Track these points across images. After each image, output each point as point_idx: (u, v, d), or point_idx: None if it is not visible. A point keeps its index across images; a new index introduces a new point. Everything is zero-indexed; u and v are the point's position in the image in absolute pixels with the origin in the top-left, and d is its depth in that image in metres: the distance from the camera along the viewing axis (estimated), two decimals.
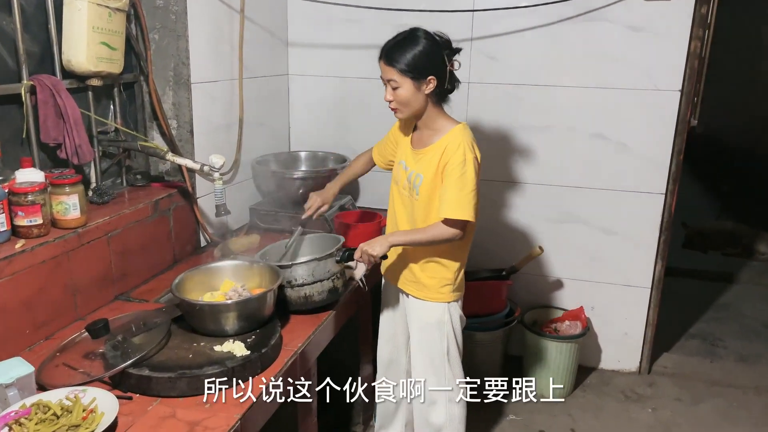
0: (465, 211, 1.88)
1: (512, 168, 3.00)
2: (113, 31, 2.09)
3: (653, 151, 2.80)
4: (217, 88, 2.55)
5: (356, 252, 1.94)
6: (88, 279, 1.94)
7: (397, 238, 1.96)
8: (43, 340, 1.78)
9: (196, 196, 2.47)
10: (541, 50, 2.83)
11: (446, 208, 1.89)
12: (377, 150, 2.28)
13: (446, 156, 1.91)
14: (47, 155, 2.02)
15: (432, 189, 1.96)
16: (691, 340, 3.49)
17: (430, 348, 2.08)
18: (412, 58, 1.85)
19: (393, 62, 1.86)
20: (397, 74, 1.87)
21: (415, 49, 1.86)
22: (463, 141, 1.91)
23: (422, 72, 1.87)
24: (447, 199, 1.89)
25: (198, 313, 1.72)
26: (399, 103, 1.92)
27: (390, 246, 1.92)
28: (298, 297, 1.94)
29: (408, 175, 2.03)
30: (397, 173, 2.10)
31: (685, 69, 2.67)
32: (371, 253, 1.90)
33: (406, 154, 2.06)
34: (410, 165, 2.03)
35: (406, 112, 1.94)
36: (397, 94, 1.90)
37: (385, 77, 1.91)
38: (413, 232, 1.99)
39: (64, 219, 1.86)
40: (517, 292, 3.07)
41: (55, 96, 1.91)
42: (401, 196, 2.07)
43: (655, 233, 2.89)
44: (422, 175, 1.97)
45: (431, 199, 1.97)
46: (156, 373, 1.54)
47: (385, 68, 1.89)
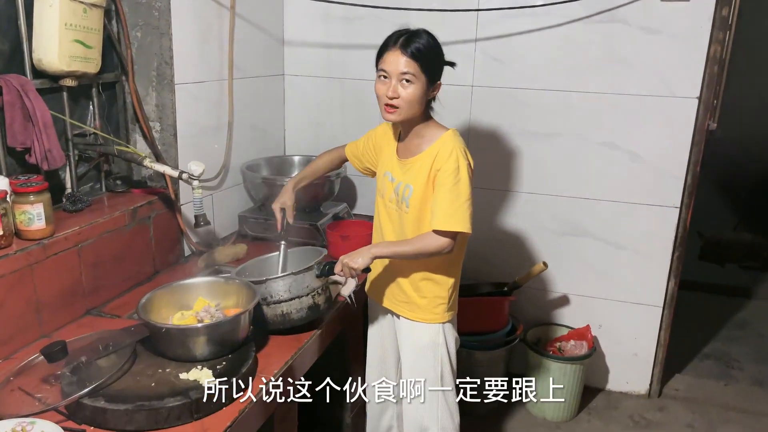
0: (459, 222, 1.73)
1: (517, 176, 2.84)
2: (89, 29, 1.96)
3: (668, 161, 2.63)
4: (203, 89, 2.42)
5: (336, 265, 1.79)
6: (55, 293, 1.81)
7: (381, 249, 1.80)
8: (1, 361, 1.65)
9: (180, 203, 2.34)
10: (550, 53, 2.66)
11: (439, 219, 1.74)
12: (353, 153, 2.11)
13: (438, 163, 1.76)
14: (15, 160, 1.90)
15: (423, 200, 1.81)
16: (705, 360, 3.31)
17: (423, 373, 1.92)
18: (436, 58, 1.74)
19: (418, 56, 1.69)
20: (417, 67, 1.69)
21: (437, 51, 1.74)
22: (456, 147, 1.76)
23: (436, 75, 1.75)
24: (440, 209, 1.74)
25: (164, 337, 1.59)
26: (405, 101, 1.73)
27: (373, 258, 1.76)
28: (275, 315, 1.80)
29: (395, 188, 1.87)
30: (382, 186, 1.94)
31: (703, 75, 2.49)
32: (352, 265, 1.74)
33: (392, 164, 1.90)
34: (397, 176, 1.87)
35: (404, 114, 1.76)
36: (408, 92, 1.72)
37: (398, 69, 1.70)
38: (399, 244, 1.84)
39: (28, 230, 1.73)
40: (519, 308, 2.92)
41: (23, 97, 1.78)
42: (387, 209, 1.92)
43: (669, 249, 2.72)
44: (412, 186, 1.82)
45: (423, 212, 1.82)
46: (112, 404, 1.40)
47: (404, 60, 1.69)
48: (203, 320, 1.68)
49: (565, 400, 2.73)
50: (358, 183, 3.05)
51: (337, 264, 1.79)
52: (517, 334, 2.74)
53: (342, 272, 1.78)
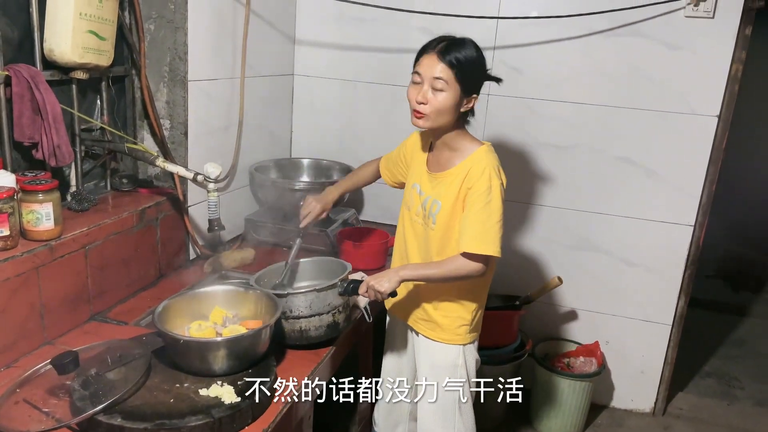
0: (489, 245, 1.66)
1: (529, 188, 2.79)
2: (103, 19, 1.86)
3: (684, 179, 2.60)
4: (216, 86, 2.33)
5: (361, 286, 1.70)
6: (60, 298, 1.71)
7: (409, 272, 1.71)
8: (3, 369, 1.55)
9: (187, 204, 2.25)
10: (569, 64, 2.62)
11: (468, 241, 1.67)
12: (385, 165, 2.04)
13: (469, 181, 1.69)
14: (21, 155, 1.79)
15: (451, 218, 1.73)
16: (707, 378, 3.29)
17: (441, 395, 1.85)
18: (473, 67, 1.65)
19: (453, 61, 1.61)
20: (451, 75, 1.62)
21: (477, 60, 1.65)
22: (489, 165, 1.69)
23: (472, 85, 1.67)
24: (469, 231, 1.67)
25: (182, 349, 1.50)
26: (434, 109, 1.65)
27: (400, 282, 1.68)
28: (293, 330, 1.71)
29: (423, 201, 1.79)
30: (409, 198, 1.86)
31: (724, 93, 2.47)
32: (378, 288, 1.66)
33: (421, 176, 1.82)
34: (426, 190, 1.79)
35: (432, 122, 1.68)
36: (438, 99, 1.64)
37: (431, 74, 1.63)
38: (428, 266, 1.75)
39: (36, 230, 1.63)
40: (526, 322, 2.86)
41: (33, 89, 1.68)
42: (413, 223, 1.84)
43: (681, 267, 2.69)
44: (440, 202, 1.74)
45: (449, 230, 1.75)
46: (129, 422, 1.32)
47: (437, 64, 1.62)
48: (222, 332, 1.59)
49: (572, 418, 2.68)
50: (366, 189, 2.98)
51: (362, 285, 1.71)
52: (527, 350, 2.69)
53: (367, 294, 1.70)
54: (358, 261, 2.17)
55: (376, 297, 1.68)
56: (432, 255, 1.79)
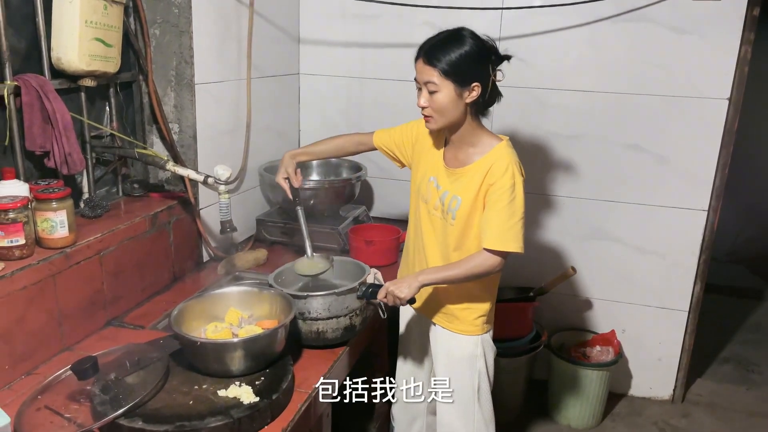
0: (513, 242, 1.66)
1: (540, 179, 2.78)
2: (109, 26, 1.87)
3: (695, 164, 2.58)
4: (223, 89, 2.33)
5: (380, 291, 1.69)
6: (77, 304, 1.72)
7: (429, 276, 1.70)
8: (23, 376, 1.57)
9: (199, 207, 2.26)
10: (575, 52, 2.60)
11: (492, 238, 1.66)
12: (383, 141, 1.99)
13: (491, 177, 1.68)
14: (33, 164, 1.81)
15: (471, 214, 1.73)
16: (725, 364, 3.27)
17: (459, 386, 1.85)
18: (458, 59, 1.62)
19: (434, 61, 1.62)
20: (438, 76, 1.62)
21: (461, 50, 1.62)
22: (511, 162, 1.68)
23: (467, 77, 1.64)
24: (493, 228, 1.66)
25: (199, 351, 1.50)
26: (435, 110, 1.67)
27: (420, 287, 1.68)
28: (309, 331, 1.72)
29: (441, 196, 1.79)
30: (426, 191, 1.85)
31: (734, 75, 2.44)
32: (398, 294, 1.66)
33: (438, 170, 1.82)
34: (444, 185, 1.79)
35: (441, 121, 1.70)
36: (434, 100, 1.66)
37: (422, 79, 1.66)
38: (447, 269, 1.73)
39: (50, 238, 1.64)
40: (542, 313, 2.86)
41: (42, 98, 1.69)
42: (431, 217, 1.84)
43: (695, 252, 2.67)
44: (460, 198, 1.73)
45: (469, 225, 1.74)
46: (150, 425, 1.32)
47: (424, 68, 1.65)
48: (238, 333, 1.60)
49: (590, 407, 2.67)
50: (376, 186, 2.98)
51: (381, 290, 1.70)
52: (542, 341, 2.68)
53: (386, 299, 1.70)
54: (369, 258, 2.17)
55: (395, 303, 1.68)
56: (450, 249, 1.79)
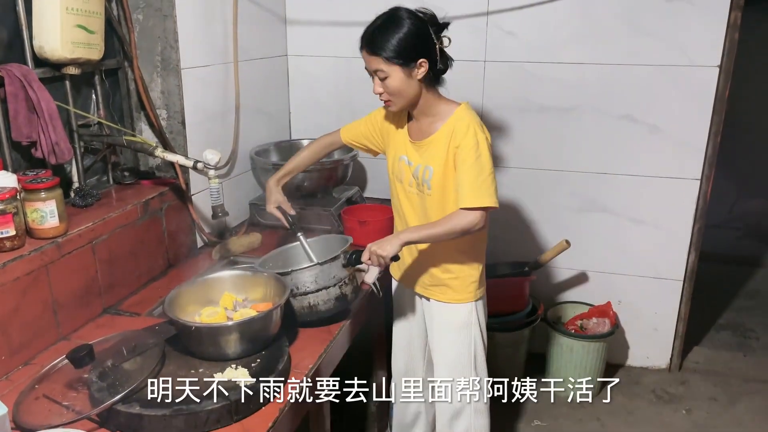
0: (486, 197, 1.68)
1: (532, 153, 2.77)
2: (91, 12, 1.85)
3: (687, 132, 2.57)
4: (210, 72, 2.31)
5: (364, 253, 1.71)
6: (71, 293, 1.72)
7: (410, 235, 1.73)
8: (21, 366, 1.57)
9: (191, 193, 2.25)
10: (564, 24, 2.58)
11: (465, 197, 1.68)
12: (350, 137, 2.03)
13: (455, 140, 1.71)
14: (21, 155, 1.80)
15: (445, 179, 1.75)
16: (721, 331, 3.30)
17: (457, 353, 1.89)
18: (398, 42, 1.65)
19: (377, 50, 1.66)
20: (384, 63, 1.66)
21: (400, 32, 1.65)
22: (472, 122, 1.72)
23: (411, 56, 1.66)
24: (465, 186, 1.69)
25: (195, 335, 1.51)
26: (391, 94, 1.72)
27: (402, 245, 1.70)
28: (302, 307, 1.73)
29: (414, 171, 1.81)
30: (399, 170, 1.87)
31: (724, 42, 2.42)
32: (380, 253, 1.67)
33: (406, 147, 1.84)
34: (414, 159, 1.81)
35: (400, 102, 1.74)
36: (387, 85, 1.70)
37: (371, 68, 1.70)
38: (427, 227, 1.76)
39: (41, 228, 1.64)
40: (538, 286, 2.87)
41: (27, 88, 1.68)
42: (408, 194, 1.86)
43: (689, 222, 2.68)
44: (432, 167, 1.76)
45: (446, 191, 1.77)
46: (148, 410, 1.33)
47: (369, 58, 1.69)
48: (232, 317, 1.60)
49: (588, 379, 2.69)
50: (369, 166, 2.97)
51: (364, 252, 1.72)
52: (539, 314, 2.70)
53: (370, 261, 1.71)
54: (363, 238, 2.15)
55: (379, 262, 1.69)
56: (432, 219, 1.80)
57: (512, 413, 2.58)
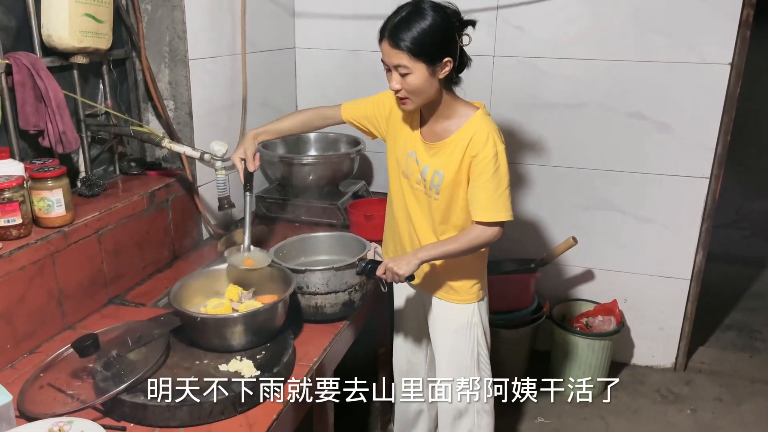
0: (503, 211, 1.66)
1: (540, 150, 2.75)
2: (99, 1, 1.84)
3: (697, 131, 2.55)
4: (217, 64, 2.31)
5: (379, 268, 1.68)
6: (77, 283, 1.72)
7: (429, 253, 1.69)
8: (26, 355, 1.58)
9: (197, 184, 2.25)
10: (573, 20, 2.56)
11: (482, 211, 1.66)
12: (352, 115, 1.92)
13: (473, 149, 1.65)
14: (28, 143, 1.79)
15: (455, 187, 1.71)
16: (727, 332, 3.27)
17: (460, 353, 1.88)
18: (424, 36, 1.53)
19: (401, 43, 1.53)
20: (408, 58, 1.54)
21: (426, 25, 1.53)
22: (491, 131, 1.65)
23: (437, 53, 1.56)
24: (482, 200, 1.66)
25: (200, 327, 1.51)
26: (409, 92, 1.60)
27: (420, 264, 1.67)
28: (308, 306, 1.73)
29: (422, 171, 1.75)
30: (406, 166, 1.80)
31: (736, 40, 2.40)
32: (397, 271, 1.64)
33: (416, 144, 1.77)
34: (423, 160, 1.75)
35: (417, 101, 1.64)
36: (408, 82, 1.58)
37: (391, 62, 1.58)
38: (444, 244, 1.71)
39: (48, 217, 1.64)
40: (543, 284, 2.85)
41: (34, 76, 1.67)
42: (414, 191, 1.80)
43: (697, 221, 2.66)
44: (442, 173, 1.71)
45: (453, 198, 1.73)
46: (153, 400, 1.33)
47: (391, 52, 1.56)
48: (238, 308, 1.60)
49: (593, 377, 2.68)
50: (375, 160, 2.96)
51: (380, 267, 1.69)
52: (544, 312, 2.68)
53: (384, 276, 1.68)
54: (369, 232, 2.17)
55: (393, 279, 1.67)
56: (436, 223, 1.78)
57: (516, 411, 2.58)
